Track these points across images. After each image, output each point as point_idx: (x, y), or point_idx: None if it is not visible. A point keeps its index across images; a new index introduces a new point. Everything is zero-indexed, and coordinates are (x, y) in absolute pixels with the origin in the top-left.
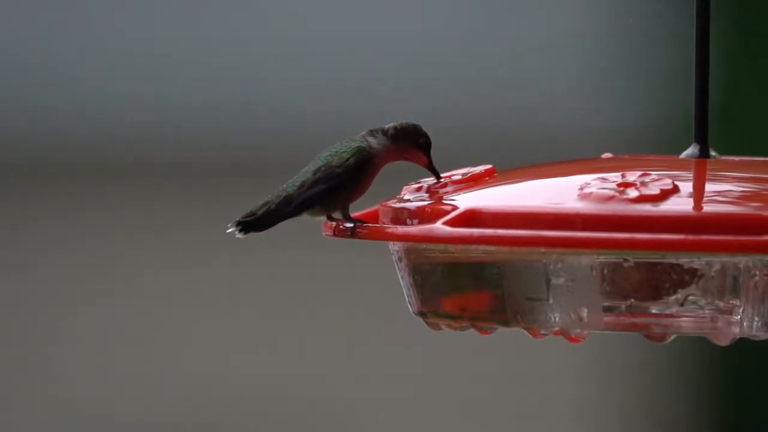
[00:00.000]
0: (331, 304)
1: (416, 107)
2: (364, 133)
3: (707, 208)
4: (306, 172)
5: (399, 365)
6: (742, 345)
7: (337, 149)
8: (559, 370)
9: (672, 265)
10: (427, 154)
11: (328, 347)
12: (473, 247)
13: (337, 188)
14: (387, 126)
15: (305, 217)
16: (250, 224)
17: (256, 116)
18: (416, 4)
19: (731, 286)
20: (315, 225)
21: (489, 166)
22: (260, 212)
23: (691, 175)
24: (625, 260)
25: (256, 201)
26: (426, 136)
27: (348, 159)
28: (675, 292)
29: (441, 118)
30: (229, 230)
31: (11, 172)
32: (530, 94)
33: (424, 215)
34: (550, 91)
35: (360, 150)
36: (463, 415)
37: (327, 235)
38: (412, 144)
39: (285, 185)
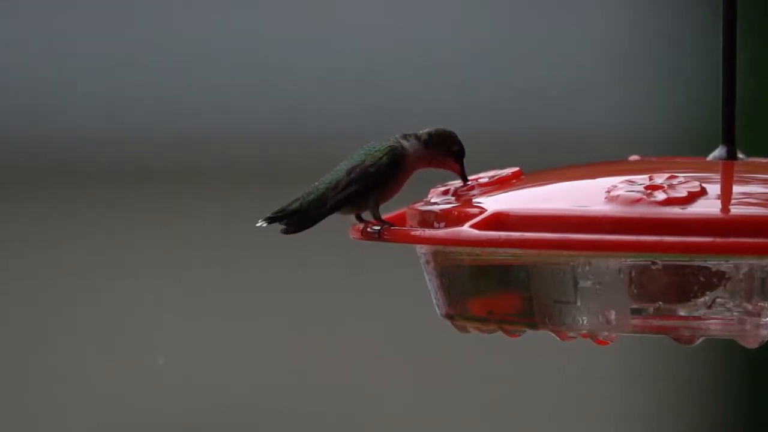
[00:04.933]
0: (352, 305)
1: (441, 110)
2: (397, 136)
3: (735, 210)
4: (338, 171)
5: (420, 369)
6: None
7: (370, 149)
8: (591, 373)
9: (700, 268)
10: (460, 162)
11: (348, 350)
12: (500, 250)
13: (370, 188)
14: (421, 131)
15: (333, 216)
16: (280, 220)
17: (263, 119)
18: (442, 7)
19: (759, 288)
20: (337, 227)
21: (516, 169)
22: (290, 209)
23: (719, 177)
24: (653, 263)
25: (261, 204)
26: (460, 144)
27: (381, 158)
28: (703, 295)
29: (467, 121)
30: (259, 224)
31: (17, 174)
32: (557, 98)
33: (451, 218)
34: (577, 94)
35: (393, 150)
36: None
37: (354, 238)
38: (445, 151)
39: (316, 184)
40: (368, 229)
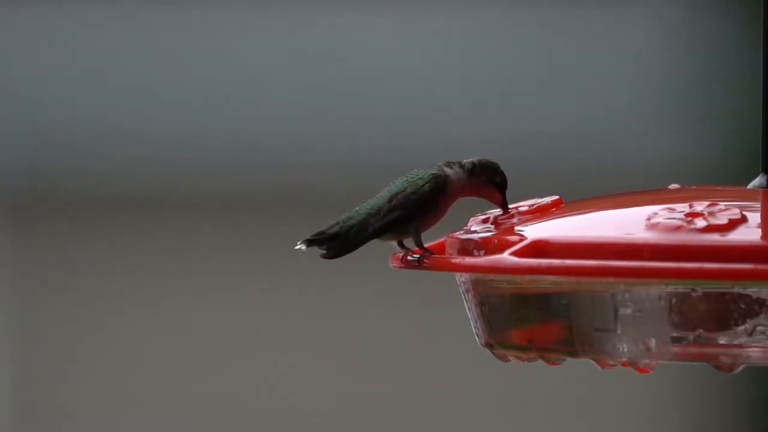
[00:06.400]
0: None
1: (484, 137)
2: (441, 163)
3: None
4: (381, 197)
5: (461, 389)
6: None
7: (412, 176)
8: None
9: (740, 295)
10: (502, 193)
11: (392, 368)
12: (541, 277)
13: (411, 215)
14: (465, 161)
15: (375, 242)
16: (319, 244)
17: (280, 149)
18: (485, 32)
19: None
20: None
21: (556, 197)
22: (330, 232)
23: (759, 205)
24: (693, 290)
25: (286, 231)
26: (503, 174)
27: (423, 186)
28: (743, 322)
29: (507, 149)
30: (297, 247)
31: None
32: (597, 126)
33: (491, 246)
34: (617, 122)
35: (435, 177)
36: None
37: (394, 266)
38: (488, 181)
39: (357, 209)
40: (408, 257)
